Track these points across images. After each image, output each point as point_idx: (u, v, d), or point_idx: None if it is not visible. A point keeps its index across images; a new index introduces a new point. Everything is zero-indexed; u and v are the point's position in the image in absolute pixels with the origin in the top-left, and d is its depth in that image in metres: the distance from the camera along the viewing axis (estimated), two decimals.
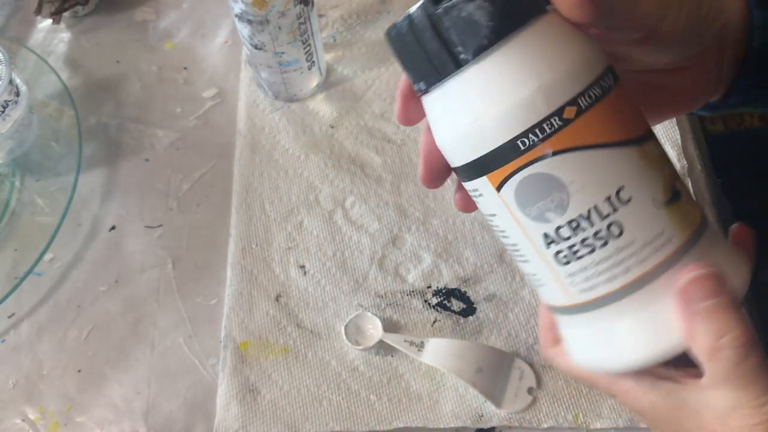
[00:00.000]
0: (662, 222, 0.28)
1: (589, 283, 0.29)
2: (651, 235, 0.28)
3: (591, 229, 0.28)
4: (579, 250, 0.28)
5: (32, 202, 0.62)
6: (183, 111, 0.66)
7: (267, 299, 0.55)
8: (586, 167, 0.27)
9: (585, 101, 0.27)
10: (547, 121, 0.27)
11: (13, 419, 0.52)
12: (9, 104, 0.60)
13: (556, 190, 0.27)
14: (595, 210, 0.27)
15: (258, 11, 0.56)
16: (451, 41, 0.27)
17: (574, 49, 0.27)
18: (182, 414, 0.51)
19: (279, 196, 0.60)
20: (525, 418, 0.49)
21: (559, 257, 0.29)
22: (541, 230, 0.28)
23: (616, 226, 0.28)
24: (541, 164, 0.27)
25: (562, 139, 0.27)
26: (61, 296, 0.57)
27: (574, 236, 0.28)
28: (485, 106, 0.27)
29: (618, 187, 0.27)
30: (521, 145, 0.27)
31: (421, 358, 0.50)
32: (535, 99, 0.27)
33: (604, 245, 0.28)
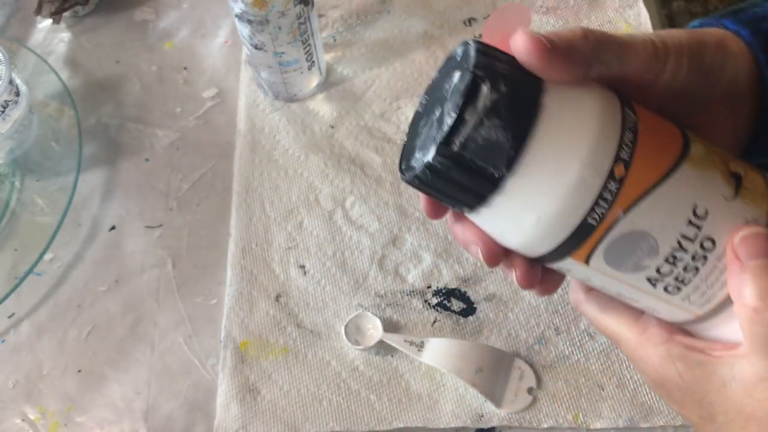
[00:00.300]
0: (742, 211, 0.29)
1: (706, 297, 0.29)
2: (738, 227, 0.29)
3: (687, 255, 0.28)
4: (685, 278, 0.29)
5: (32, 202, 0.62)
6: (183, 111, 0.66)
7: (267, 299, 0.55)
8: (657, 208, 0.28)
9: (626, 152, 0.27)
10: (605, 188, 0.27)
11: (13, 419, 0.52)
12: (9, 104, 0.60)
13: (642, 240, 0.28)
14: (683, 237, 0.28)
15: (258, 11, 0.56)
16: (481, 168, 0.27)
17: (591, 109, 0.28)
18: (182, 414, 0.51)
19: (279, 196, 0.60)
20: (525, 418, 0.49)
21: (669, 290, 0.30)
22: (643, 277, 0.29)
23: (707, 240, 0.28)
24: (619, 227, 0.28)
25: (625, 197, 0.27)
26: (61, 296, 0.57)
27: (675, 269, 0.29)
28: (542, 205, 0.27)
29: (692, 206, 0.28)
30: (593, 222, 0.28)
31: (421, 358, 0.50)
32: (584, 177, 0.27)
33: (705, 263, 0.29)
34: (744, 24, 0.33)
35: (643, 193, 0.27)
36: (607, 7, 0.68)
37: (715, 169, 0.29)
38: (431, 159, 0.27)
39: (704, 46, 0.32)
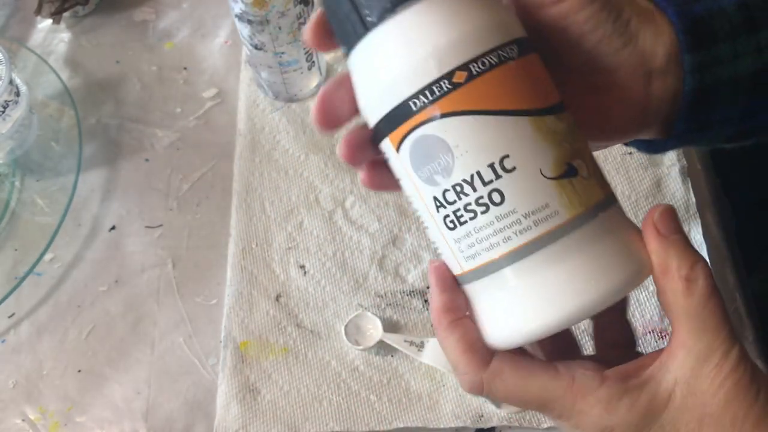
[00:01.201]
0: (547, 195, 0.28)
1: (472, 250, 0.29)
2: (533, 206, 0.28)
3: (473, 194, 0.28)
4: (462, 216, 0.29)
5: (32, 202, 0.62)
6: (183, 111, 0.66)
7: (267, 299, 0.55)
8: (471, 132, 0.28)
9: (477, 68, 0.28)
10: (437, 83, 0.27)
11: (13, 419, 0.52)
12: (9, 104, 0.60)
13: (443, 152, 0.28)
14: (477, 176, 0.28)
15: (258, 11, 0.56)
16: (360, 5, 0.28)
17: (475, 15, 0.28)
18: (182, 414, 0.51)
19: (279, 196, 0.60)
20: (525, 418, 0.49)
21: (446, 222, 0.29)
22: (431, 193, 0.29)
23: (497, 193, 0.28)
24: (430, 126, 0.28)
25: (450, 102, 0.28)
26: (61, 296, 0.57)
27: (458, 201, 0.28)
28: (385, 68, 0.28)
29: (502, 155, 0.28)
30: (413, 106, 0.28)
31: (421, 358, 0.50)
32: (427, 61, 0.27)
33: (485, 212, 0.28)
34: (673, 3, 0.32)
35: (467, 110, 0.28)
36: None
37: (553, 147, 0.28)
38: None
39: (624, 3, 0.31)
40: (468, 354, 0.30)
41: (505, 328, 0.29)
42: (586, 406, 0.29)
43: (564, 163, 0.28)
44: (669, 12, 0.32)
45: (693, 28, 0.31)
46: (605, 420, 0.29)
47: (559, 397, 0.29)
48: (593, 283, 0.28)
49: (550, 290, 0.28)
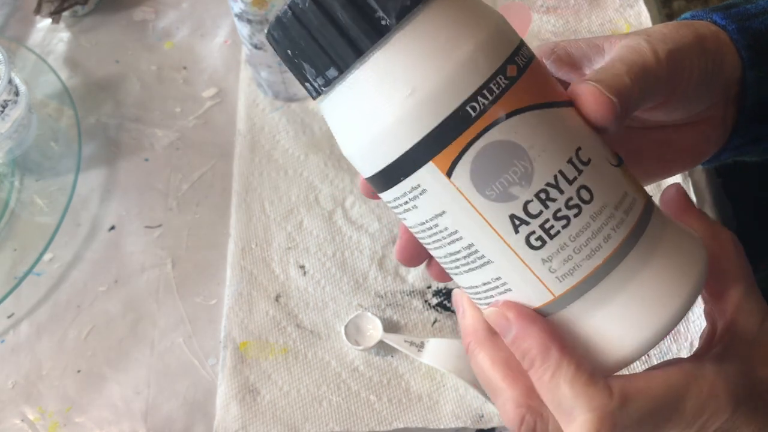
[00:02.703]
0: (623, 183, 0.26)
1: (570, 265, 0.25)
2: (618, 196, 0.26)
3: (562, 197, 0.25)
4: (553, 226, 0.25)
5: (32, 202, 0.62)
6: (182, 111, 0.66)
7: (267, 299, 0.55)
8: (543, 128, 0.25)
9: (521, 60, 0.25)
10: (494, 80, 0.24)
11: (12, 419, 0.52)
12: (8, 104, 0.60)
13: (518, 158, 0.24)
14: (561, 175, 0.25)
15: (258, 10, 0.56)
16: (369, 6, 0.23)
17: (493, 15, 0.26)
18: (182, 414, 0.51)
19: (279, 196, 0.60)
20: None
21: (531, 241, 0.25)
22: (507, 212, 0.25)
23: (585, 190, 0.25)
24: (496, 130, 0.24)
25: (512, 99, 0.24)
26: (60, 296, 0.57)
27: (545, 210, 0.25)
28: (423, 75, 0.24)
29: (576, 147, 0.25)
30: (472, 111, 0.24)
31: (421, 359, 0.50)
32: (476, 58, 0.24)
33: (578, 214, 0.25)
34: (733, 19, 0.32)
35: (532, 105, 0.25)
36: (607, 6, 0.68)
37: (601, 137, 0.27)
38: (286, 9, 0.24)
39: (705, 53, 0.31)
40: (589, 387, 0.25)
41: (630, 337, 0.25)
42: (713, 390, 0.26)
43: (614, 153, 0.27)
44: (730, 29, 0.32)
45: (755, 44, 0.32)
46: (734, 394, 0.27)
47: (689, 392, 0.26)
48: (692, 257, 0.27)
49: (665, 277, 0.26)
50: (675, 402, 0.26)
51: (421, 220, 0.26)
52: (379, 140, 0.25)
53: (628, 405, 0.25)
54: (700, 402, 0.26)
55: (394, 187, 0.26)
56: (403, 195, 0.26)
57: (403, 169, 0.25)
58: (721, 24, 0.32)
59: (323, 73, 0.25)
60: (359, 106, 0.25)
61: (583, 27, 0.66)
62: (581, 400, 0.25)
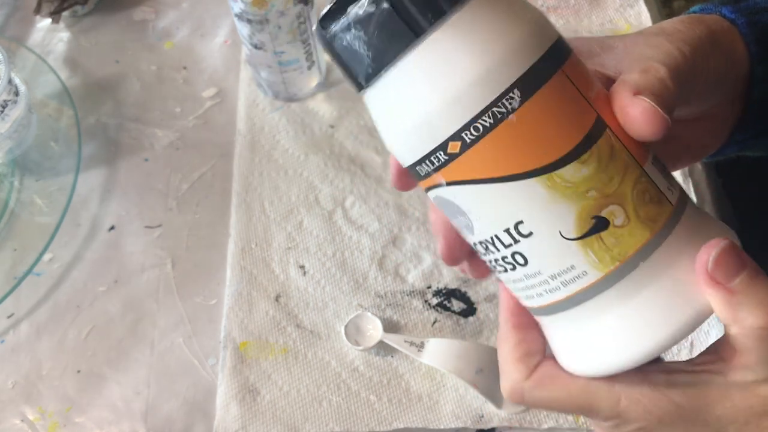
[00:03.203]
0: (571, 257, 0.26)
1: (522, 294, 0.28)
2: (557, 269, 0.26)
3: (499, 253, 0.27)
4: (496, 268, 0.28)
5: (31, 202, 0.62)
6: (182, 111, 0.66)
7: (267, 299, 0.55)
8: (479, 200, 0.26)
9: (470, 135, 0.25)
10: (434, 154, 0.26)
11: (12, 420, 0.52)
12: (8, 104, 0.60)
13: (461, 214, 0.27)
14: (497, 238, 0.27)
15: (257, 11, 0.56)
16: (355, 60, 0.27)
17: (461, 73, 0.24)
18: (182, 414, 0.51)
19: (279, 196, 0.60)
20: (525, 419, 0.49)
21: (491, 266, 0.29)
22: (470, 240, 0.28)
23: (519, 256, 0.27)
24: (440, 190, 0.27)
25: (450, 172, 0.26)
26: (60, 296, 0.57)
27: (488, 255, 0.28)
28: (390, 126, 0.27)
29: (516, 221, 0.26)
30: (420, 172, 0.27)
31: (421, 359, 0.50)
32: (420, 131, 0.26)
33: (513, 269, 0.27)
34: (743, 13, 0.32)
35: (469, 180, 0.26)
36: (607, 6, 0.68)
37: (574, 202, 0.25)
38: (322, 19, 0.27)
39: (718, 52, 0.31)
40: (517, 363, 0.30)
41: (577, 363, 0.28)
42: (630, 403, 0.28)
43: (589, 219, 0.25)
44: (739, 23, 0.32)
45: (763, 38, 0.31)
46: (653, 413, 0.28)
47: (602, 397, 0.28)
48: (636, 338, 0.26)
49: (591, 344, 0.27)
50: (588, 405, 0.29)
51: None
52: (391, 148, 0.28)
53: (539, 388, 0.29)
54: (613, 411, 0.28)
55: None
56: None
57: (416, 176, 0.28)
58: (730, 18, 0.32)
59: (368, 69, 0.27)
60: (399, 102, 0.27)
61: (583, 27, 0.66)
62: (507, 371, 0.30)
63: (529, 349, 0.30)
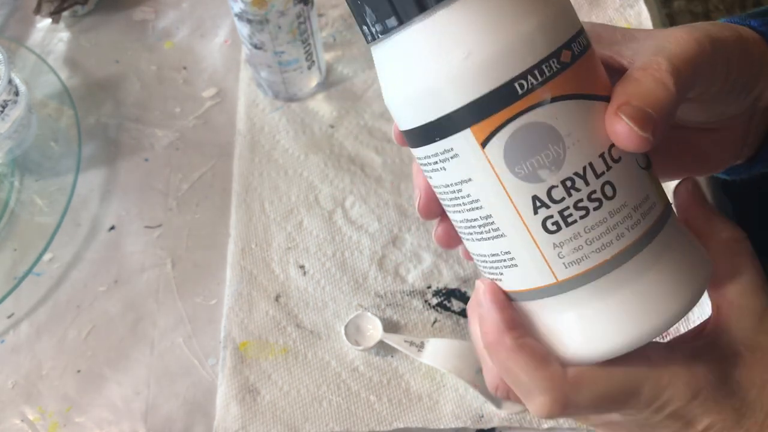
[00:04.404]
0: (647, 186, 0.27)
1: (579, 254, 0.26)
2: (639, 198, 0.26)
3: (586, 189, 0.25)
4: (571, 214, 0.25)
5: (31, 202, 0.62)
6: (182, 111, 0.66)
7: (267, 299, 0.55)
8: (583, 118, 0.25)
9: (578, 47, 0.25)
10: (547, 62, 0.24)
11: (12, 420, 0.52)
12: (8, 104, 0.60)
13: (553, 142, 0.25)
14: (590, 167, 0.25)
15: (257, 10, 0.56)
16: None
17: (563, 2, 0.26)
18: (182, 414, 0.51)
19: (279, 196, 0.60)
20: (525, 419, 0.49)
21: (547, 224, 0.26)
22: (531, 192, 0.25)
23: (609, 186, 0.25)
24: (539, 112, 0.25)
25: (560, 84, 0.25)
26: (60, 296, 0.57)
27: (567, 198, 0.25)
28: (481, 41, 0.24)
29: (610, 143, 0.26)
30: (519, 89, 0.24)
31: (421, 359, 0.50)
32: (535, 37, 0.24)
33: (597, 208, 0.25)
34: None
35: (578, 93, 0.25)
36: (607, 6, 0.68)
37: None
38: None
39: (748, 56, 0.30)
40: (542, 370, 0.27)
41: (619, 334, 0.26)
42: (672, 377, 0.28)
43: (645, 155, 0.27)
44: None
45: None
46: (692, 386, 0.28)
47: (645, 377, 0.27)
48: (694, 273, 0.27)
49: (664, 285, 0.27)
50: (632, 390, 0.27)
51: (446, 182, 0.27)
52: (424, 96, 0.25)
53: (582, 389, 0.27)
54: (655, 391, 0.27)
55: (427, 145, 0.26)
56: (434, 155, 0.26)
57: (440, 130, 0.26)
58: (760, 30, 0.31)
59: (383, 21, 0.25)
60: (412, 60, 0.25)
61: None
62: (536, 382, 0.27)
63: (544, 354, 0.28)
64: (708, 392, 0.28)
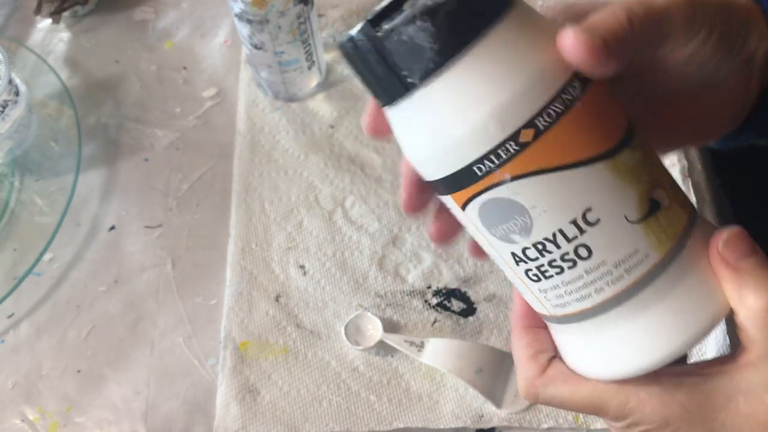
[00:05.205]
0: (636, 240, 0.26)
1: (561, 300, 0.28)
2: (623, 255, 0.26)
3: (558, 251, 0.26)
4: (547, 270, 0.27)
5: (31, 202, 0.62)
6: (182, 111, 0.66)
7: (267, 299, 0.55)
8: (548, 191, 0.25)
9: (544, 121, 0.25)
10: (503, 146, 0.25)
11: (12, 420, 0.52)
12: (8, 104, 0.60)
13: (518, 214, 0.26)
14: (560, 233, 0.26)
15: (258, 11, 0.56)
16: (396, 66, 0.25)
17: (531, 61, 0.25)
18: (182, 414, 0.51)
19: (279, 196, 0.60)
20: (525, 419, 0.49)
21: (529, 275, 0.28)
22: (509, 249, 0.27)
23: (583, 248, 0.26)
24: (500, 189, 0.26)
25: (519, 164, 0.25)
26: (60, 296, 0.57)
27: (540, 258, 0.27)
28: (438, 132, 0.26)
29: (584, 208, 0.26)
30: (477, 171, 0.25)
31: (421, 359, 0.50)
32: (487, 124, 0.25)
33: (572, 267, 0.26)
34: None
35: (540, 169, 0.25)
36: None
37: (634, 186, 0.26)
38: (354, 34, 0.26)
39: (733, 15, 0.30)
40: (529, 361, 0.31)
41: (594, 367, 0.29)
42: (639, 403, 0.29)
43: (647, 201, 0.26)
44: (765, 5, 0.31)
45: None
46: (661, 414, 0.28)
47: (611, 396, 0.29)
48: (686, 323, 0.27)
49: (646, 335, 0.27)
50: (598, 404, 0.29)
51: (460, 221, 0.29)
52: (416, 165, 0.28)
53: (549, 388, 0.30)
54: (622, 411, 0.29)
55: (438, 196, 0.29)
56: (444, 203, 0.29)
57: (436, 190, 0.28)
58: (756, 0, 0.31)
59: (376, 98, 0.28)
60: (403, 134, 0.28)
61: None
62: (521, 369, 0.31)
63: (540, 348, 0.31)
64: (680, 424, 0.28)
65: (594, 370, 0.29)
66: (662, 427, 0.29)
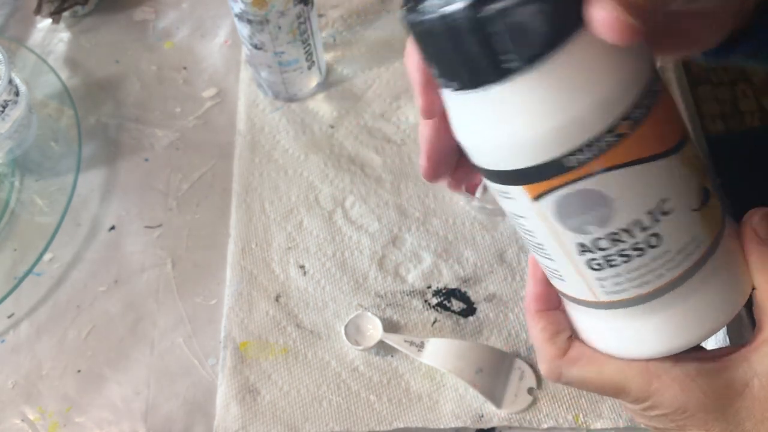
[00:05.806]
0: (696, 228, 0.28)
1: (619, 287, 0.28)
2: (684, 242, 0.27)
3: (630, 241, 0.27)
4: (614, 260, 0.27)
5: (31, 202, 0.62)
6: (182, 111, 0.66)
7: (267, 299, 0.55)
8: (633, 182, 0.26)
9: (639, 113, 0.25)
10: (600, 138, 0.25)
11: (12, 419, 0.52)
12: (8, 104, 0.60)
13: (601, 205, 0.26)
14: (636, 224, 0.27)
15: (258, 11, 0.56)
16: (500, 47, 0.24)
17: (626, 55, 0.25)
18: (182, 414, 0.51)
19: (279, 196, 0.60)
20: (525, 419, 0.49)
21: (591, 264, 0.28)
22: (577, 240, 0.27)
23: (655, 237, 0.27)
24: (589, 181, 0.26)
25: (613, 155, 0.25)
26: (60, 296, 0.57)
27: (611, 248, 0.27)
28: (534, 120, 0.25)
29: (660, 199, 0.26)
30: (570, 162, 0.25)
31: (421, 359, 0.50)
32: (590, 114, 0.24)
33: (640, 255, 0.27)
34: None
35: (631, 161, 0.25)
36: None
37: (696, 174, 0.28)
38: (453, 10, 0.23)
39: None
40: (549, 342, 0.31)
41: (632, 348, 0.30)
42: (661, 386, 0.29)
43: (702, 191, 0.28)
44: None
45: None
46: (680, 399, 0.29)
47: (635, 378, 0.30)
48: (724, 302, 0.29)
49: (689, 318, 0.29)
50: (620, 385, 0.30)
51: (507, 209, 0.29)
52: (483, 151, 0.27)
53: (573, 368, 0.31)
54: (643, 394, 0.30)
55: (487, 179, 0.29)
56: (497, 190, 0.28)
57: (498, 178, 0.27)
58: None
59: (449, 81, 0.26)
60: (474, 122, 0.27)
61: None
62: (541, 351, 0.32)
63: (557, 329, 0.32)
64: (697, 410, 0.29)
65: (634, 350, 0.30)
66: (679, 412, 0.29)
